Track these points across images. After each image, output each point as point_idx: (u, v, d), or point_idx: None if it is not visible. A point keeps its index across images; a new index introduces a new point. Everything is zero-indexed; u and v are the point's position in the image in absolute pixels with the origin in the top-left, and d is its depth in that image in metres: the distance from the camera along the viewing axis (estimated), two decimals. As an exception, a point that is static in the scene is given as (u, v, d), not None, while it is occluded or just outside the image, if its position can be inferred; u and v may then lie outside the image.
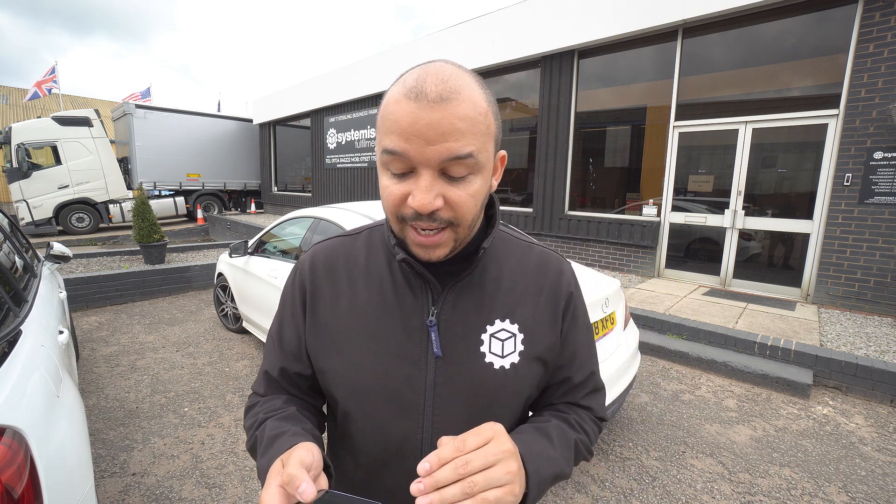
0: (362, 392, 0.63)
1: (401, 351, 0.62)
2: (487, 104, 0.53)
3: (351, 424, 0.66)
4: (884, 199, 4.18)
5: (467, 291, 0.64)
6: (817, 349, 3.35)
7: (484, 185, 0.56)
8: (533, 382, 0.66)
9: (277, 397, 0.70)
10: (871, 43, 4.15)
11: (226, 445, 2.51)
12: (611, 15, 5.70)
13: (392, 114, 0.51)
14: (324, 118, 11.47)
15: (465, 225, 0.56)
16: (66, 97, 20.87)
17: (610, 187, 6.71)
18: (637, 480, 2.25)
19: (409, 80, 0.51)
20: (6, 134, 10.46)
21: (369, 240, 0.71)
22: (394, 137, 0.51)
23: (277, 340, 0.72)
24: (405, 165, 0.52)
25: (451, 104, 0.49)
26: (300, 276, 0.71)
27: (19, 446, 1.04)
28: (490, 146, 0.55)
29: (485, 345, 0.63)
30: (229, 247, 3.99)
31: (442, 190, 0.52)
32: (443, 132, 0.49)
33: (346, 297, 0.67)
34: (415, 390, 0.62)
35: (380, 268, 0.67)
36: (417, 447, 0.62)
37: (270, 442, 0.58)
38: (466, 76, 0.52)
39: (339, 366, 0.65)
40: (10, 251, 2.24)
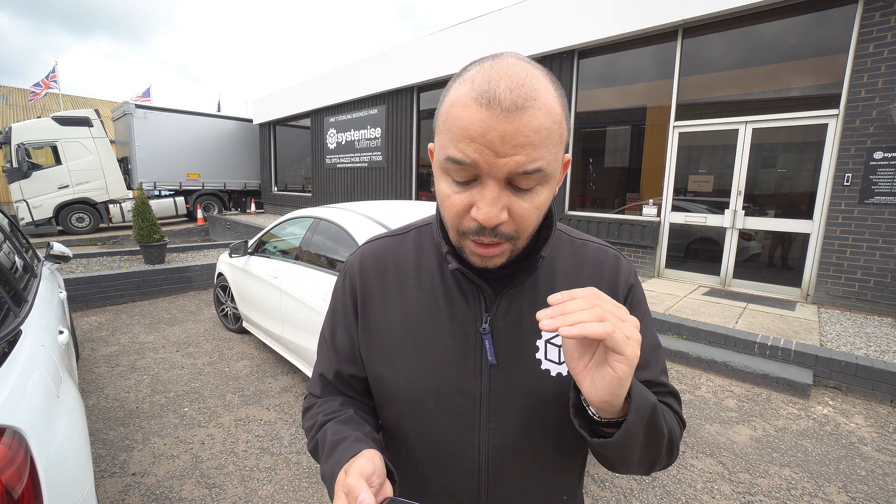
0: (416, 399, 0.63)
1: (454, 358, 0.61)
2: (562, 108, 0.49)
3: (405, 430, 0.65)
4: (884, 199, 4.18)
5: (521, 297, 0.62)
6: (817, 349, 3.35)
7: (550, 194, 0.53)
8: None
9: (334, 399, 0.70)
10: (871, 43, 4.15)
11: (226, 445, 2.51)
12: (611, 15, 5.70)
13: (459, 119, 0.47)
14: (324, 118, 11.47)
15: (524, 238, 0.54)
16: (66, 97, 20.87)
17: (610, 187, 6.71)
18: (637, 480, 2.25)
19: (479, 81, 0.47)
20: (6, 134, 10.46)
21: (418, 240, 0.69)
22: (461, 146, 0.47)
23: (331, 343, 0.71)
24: (470, 174, 0.49)
25: (527, 114, 0.45)
26: (350, 279, 0.70)
27: (19, 446, 1.04)
28: (560, 154, 0.51)
29: (540, 351, 0.61)
30: (229, 247, 3.99)
31: (508, 202, 0.49)
32: (515, 144, 0.45)
33: (397, 301, 0.65)
34: (469, 398, 0.61)
35: (431, 271, 0.65)
36: (473, 455, 0.62)
37: (333, 447, 0.58)
38: (541, 76, 0.48)
39: (391, 372, 0.64)
40: (10, 251, 2.24)
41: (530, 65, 0.49)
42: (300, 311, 2.97)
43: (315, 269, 2.99)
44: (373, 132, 9.98)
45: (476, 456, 0.62)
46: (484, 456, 0.61)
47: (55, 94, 18.60)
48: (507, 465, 0.62)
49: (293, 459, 2.40)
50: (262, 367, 3.57)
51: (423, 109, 8.98)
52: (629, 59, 6.05)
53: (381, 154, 9.80)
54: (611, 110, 6.54)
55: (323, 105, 11.20)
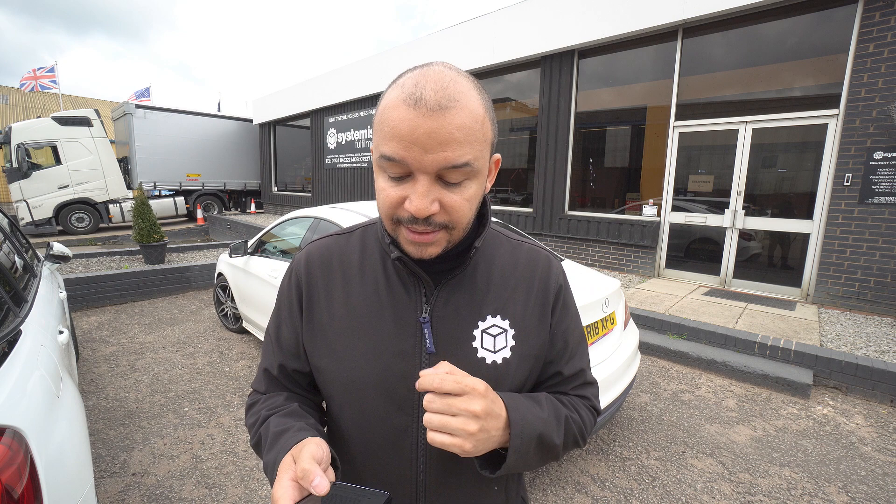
0: (357, 388, 0.65)
1: (395, 347, 0.63)
2: (485, 110, 0.54)
3: (346, 419, 0.67)
4: (884, 199, 4.18)
5: (459, 288, 0.65)
6: (817, 349, 3.35)
7: (479, 189, 0.57)
8: (524, 377, 0.67)
9: (279, 394, 0.71)
10: (871, 43, 4.15)
11: (226, 445, 2.51)
12: (611, 15, 5.70)
13: (390, 119, 0.51)
14: (324, 118, 11.47)
15: (459, 228, 0.58)
16: (65, 97, 20.87)
17: (610, 187, 6.71)
18: (637, 480, 2.25)
19: (408, 84, 0.51)
20: (6, 134, 10.46)
21: (363, 238, 0.72)
22: (392, 144, 0.51)
23: (275, 339, 0.73)
24: (402, 170, 0.53)
25: (450, 113, 0.49)
26: (296, 275, 0.72)
27: (19, 446, 1.04)
28: (486, 152, 0.55)
29: (477, 340, 0.64)
30: (229, 247, 3.99)
31: (438, 195, 0.53)
32: (440, 141, 0.50)
33: (341, 295, 0.68)
34: (409, 386, 0.63)
35: (374, 266, 0.68)
36: (413, 441, 0.64)
37: (276, 438, 0.60)
38: (464, 82, 0.53)
39: (334, 363, 0.66)
40: (10, 251, 2.24)
41: (456, 72, 0.54)
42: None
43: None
44: (373, 132, 9.98)
45: (415, 444, 0.64)
46: (422, 445, 0.64)
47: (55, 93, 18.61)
48: (442, 455, 0.64)
49: (293, 459, 2.40)
50: (262, 367, 3.57)
51: (423, 109, 8.98)
52: (629, 59, 6.05)
53: (381, 154, 9.79)
54: (611, 110, 6.54)
55: (323, 105, 11.20)
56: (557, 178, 6.65)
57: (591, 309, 2.23)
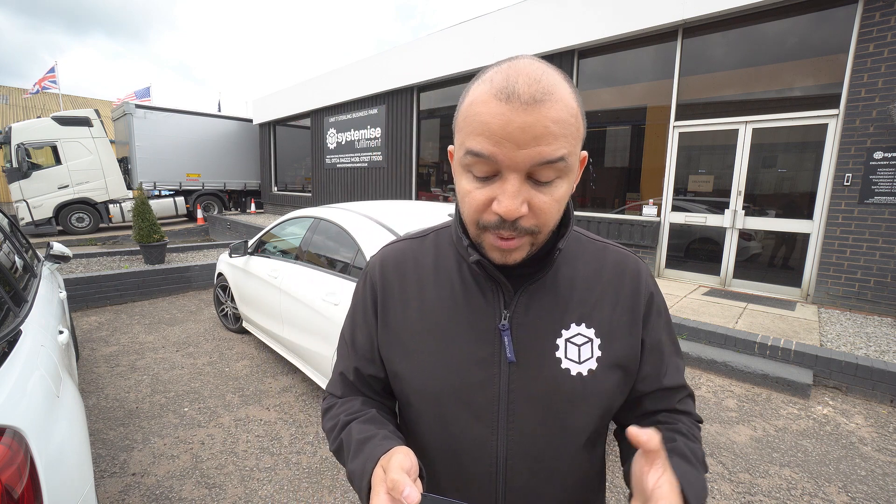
0: (434, 396, 0.63)
1: (472, 355, 0.61)
2: (578, 105, 0.51)
3: (424, 427, 0.66)
4: (884, 199, 4.18)
5: (541, 294, 0.62)
6: (817, 349, 3.35)
7: (569, 188, 0.54)
8: (612, 390, 0.63)
9: (355, 399, 0.70)
10: (871, 43, 4.15)
11: (226, 445, 2.51)
12: (611, 15, 5.70)
13: (479, 115, 0.48)
14: (324, 118, 11.46)
15: (545, 232, 0.54)
16: (66, 97, 20.86)
17: (610, 187, 6.71)
18: (637, 480, 2.25)
19: (498, 78, 0.48)
20: (6, 134, 10.45)
21: (437, 241, 0.70)
22: (481, 139, 0.48)
23: (350, 343, 0.72)
24: (491, 169, 0.50)
25: (545, 106, 0.47)
26: (371, 279, 0.71)
27: (19, 446, 1.04)
28: (578, 148, 0.52)
29: (560, 350, 0.61)
30: (229, 247, 3.99)
31: (528, 195, 0.50)
32: (535, 135, 0.47)
33: (416, 299, 0.66)
34: (488, 395, 0.60)
35: (449, 270, 0.66)
36: (492, 452, 0.61)
37: (361, 445, 0.58)
38: (557, 75, 0.50)
39: (410, 371, 0.64)
40: (10, 251, 2.24)
41: (546, 64, 0.51)
42: (300, 311, 2.97)
43: (315, 269, 2.99)
44: (373, 132, 9.98)
45: (494, 457, 0.61)
46: (502, 458, 0.61)
47: (55, 94, 18.61)
48: (524, 468, 0.61)
49: (293, 459, 2.40)
50: (262, 367, 3.57)
51: (423, 109, 8.98)
52: (629, 58, 6.05)
53: (381, 154, 9.80)
54: (611, 110, 6.54)
55: (323, 105, 11.20)
56: (557, 178, 6.65)
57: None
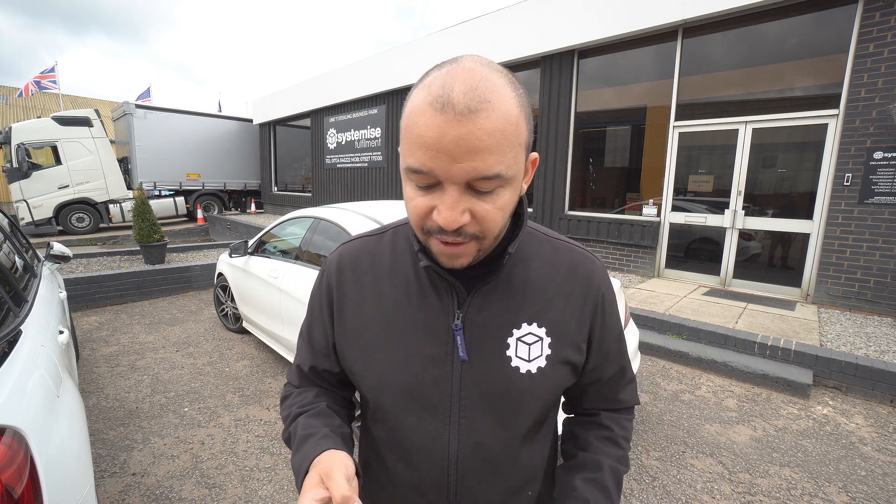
0: (390, 393, 0.65)
1: (426, 353, 0.62)
2: (519, 109, 0.49)
3: (380, 423, 0.68)
4: (884, 199, 4.18)
5: (494, 294, 0.63)
6: (817, 349, 3.35)
7: (513, 195, 0.53)
8: (560, 386, 0.66)
9: (310, 390, 0.73)
10: (871, 43, 4.14)
11: (226, 445, 2.51)
12: (611, 14, 5.70)
13: (416, 125, 0.48)
14: (324, 118, 11.46)
15: (490, 237, 0.55)
16: (66, 97, 20.86)
17: (610, 187, 6.71)
18: (637, 480, 2.25)
19: (435, 85, 0.48)
20: (6, 134, 10.45)
21: (394, 239, 0.71)
22: (419, 154, 0.48)
23: (307, 339, 0.74)
24: (430, 180, 0.50)
25: (480, 116, 0.45)
26: (327, 278, 0.72)
27: (19, 446, 1.04)
28: (521, 156, 0.52)
29: (511, 349, 0.62)
30: (229, 247, 3.99)
31: (469, 205, 0.50)
32: (469, 149, 0.46)
33: (372, 298, 0.67)
34: (441, 392, 0.62)
35: (405, 269, 0.66)
36: (444, 447, 0.63)
37: (302, 441, 0.62)
38: (497, 79, 0.48)
39: (366, 369, 0.66)
40: (10, 251, 2.24)
41: (487, 67, 0.49)
42: (300, 311, 2.97)
43: (315, 269, 2.99)
44: (373, 132, 9.98)
45: (446, 452, 0.63)
46: (454, 453, 0.63)
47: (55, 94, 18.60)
48: (476, 463, 0.64)
49: (293, 459, 2.40)
50: (262, 367, 3.57)
51: (423, 109, 8.97)
52: (629, 59, 6.05)
53: (381, 154, 9.80)
54: (611, 110, 6.54)
55: (323, 105, 11.20)
56: (557, 178, 6.65)
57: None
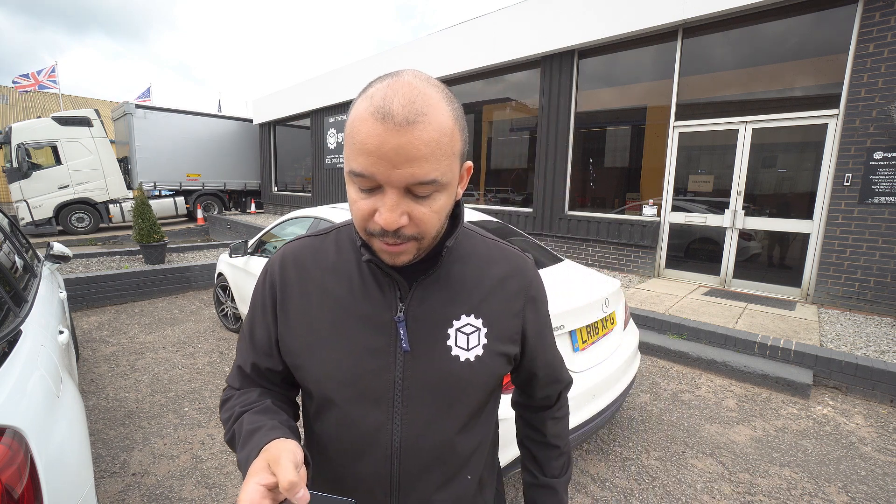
0: (334, 386, 0.66)
1: (370, 346, 0.65)
2: (454, 122, 0.54)
3: (324, 417, 0.69)
4: (884, 199, 4.18)
5: (434, 288, 0.67)
6: (817, 349, 3.35)
7: (448, 199, 0.58)
8: (496, 374, 0.70)
9: (252, 390, 0.72)
10: (871, 43, 4.15)
11: (225, 446, 2.51)
12: (611, 15, 5.70)
13: (359, 133, 0.52)
14: (324, 118, 11.47)
15: (428, 237, 0.58)
16: (66, 97, 20.86)
17: (610, 187, 6.71)
18: (637, 480, 2.25)
19: (377, 97, 0.51)
20: (6, 134, 10.46)
21: (338, 239, 0.73)
22: (361, 159, 0.52)
23: (249, 337, 0.74)
24: (372, 183, 0.53)
25: (417, 128, 0.50)
26: (270, 276, 0.73)
27: (19, 446, 1.04)
28: (455, 164, 0.56)
29: (451, 339, 0.66)
30: (229, 247, 3.99)
31: (407, 207, 0.54)
32: (407, 157, 0.50)
33: (316, 295, 0.69)
34: (384, 383, 0.64)
35: (349, 266, 0.69)
36: (388, 437, 0.65)
37: (249, 436, 0.60)
38: (433, 93, 0.53)
39: (312, 363, 0.67)
40: (10, 251, 2.24)
41: (425, 83, 0.53)
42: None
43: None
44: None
45: (389, 441, 0.65)
46: (397, 441, 0.65)
47: (55, 94, 18.61)
48: (419, 452, 0.66)
49: (293, 459, 2.40)
50: (262, 367, 3.57)
51: (423, 109, 8.98)
52: (629, 59, 6.05)
53: (381, 154, 9.80)
54: (611, 110, 6.54)
55: (323, 105, 11.20)
56: (557, 178, 6.65)
57: (591, 309, 2.23)
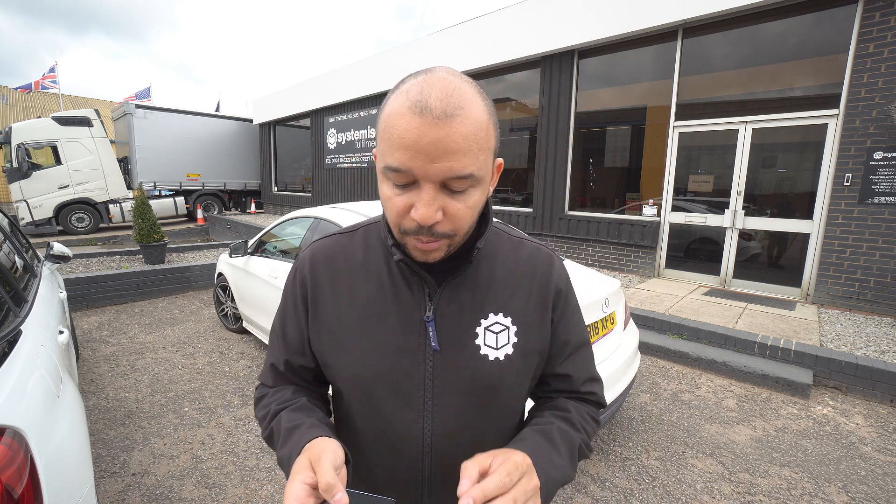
0: (365, 385, 0.67)
1: (399, 345, 0.65)
2: (488, 117, 0.54)
3: (355, 415, 0.70)
4: (884, 199, 4.18)
5: (462, 287, 0.67)
6: (817, 349, 3.35)
7: (482, 195, 0.58)
8: (527, 373, 0.69)
9: (286, 388, 0.74)
10: (871, 43, 4.14)
11: (226, 445, 2.51)
12: (611, 15, 5.70)
13: (395, 127, 0.51)
14: (324, 118, 11.46)
15: (461, 234, 0.58)
16: (66, 97, 20.86)
17: (610, 187, 6.71)
18: (637, 480, 2.25)
19: (413, 91, 0.51)
20: (6, 134, 10.46)
21: (366, 237, 0.73)
22: (398, 154, 0.51)
23: (281, 335, 0.75)
24: (408, 179, 0.53)
25: (455, 121, 0.50)
26: (300, 274, 0.73)
27: (19, 446, 1.04)
28: (490, 160, 0.56)
29: (480, 337, 0.66)
30: (229, 247, 3.99)
31: (443, 203, 0.54)
32: (446, 151, 0.50)
33: (346, 294, 0.69)
34: (414, 382, 0.65)
35: (378, 265, 0.69)
36: (419, 435, 0.66)
37: (289, 433, 0.62)
38: (469, 89, 0.53)
39: (342, 361, 0.68)
40: (10, 251, 2.24)
41: (459, 78, 0.54)
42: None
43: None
44: (373, 132, 9.98)
45: (420, 439, 0.66)
46: (427, 440, 0.66)
47: (55, 93, 18.60)
48: (448, 450, 0.66)
49: (293, 459, 2.40)
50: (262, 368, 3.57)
51: (423, 109, 8.97)
52: (629, 59, 6.05)
53: (381, 154, 9.80)
54: (611, 110, 6.54)
55: (323, 105, 11.20)
56: (557, 178, 6.65)
57: (591, 309, 2.23)
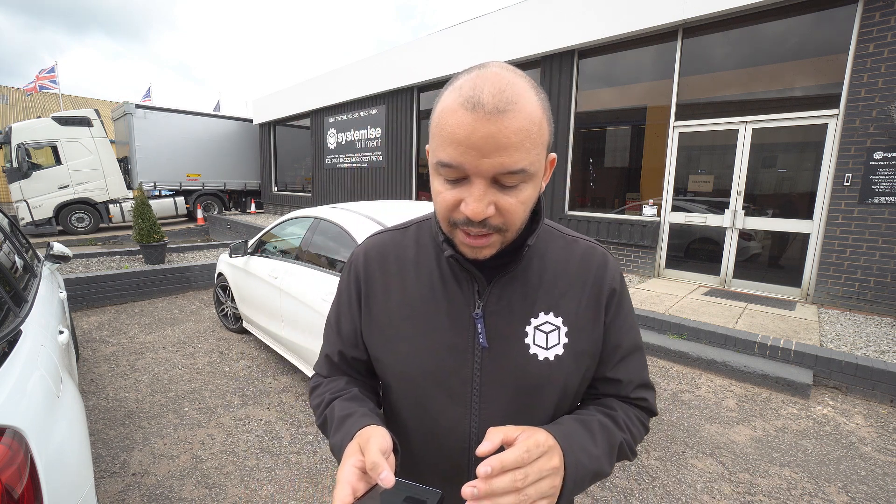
0: (413, 380, 0.68)
1: (448, 342, 0.65)
2: (542, 111, 0.53)
3: (403, 408, 0.71)
4: (884, 199, 4.18)
5: (512, 285, 0.66)
6: (817, 349, 3.35)
7: (534, 191, 0.57)
8: (577, 375, 0.67)
9: (339, 378, 0.76)
10: (871, 43, 4.14)
11: (226, 445, 2.51)
12: (611, 15, 5.70)
13: (448, 124, 0.51)
14: (324, 118, 11.46)
15: (513, 230, 0.58)
16: (66, 97, 20.86)
17: (610, 187, 6.71)
18: (637, 480, 2.25)
19: (466, 87, 0.51)
20: (6, 134, 10.46)
21: (418, 234, 0.74)
22: (449, 150, 0.51)
23: (336, 328, 0.77)
24: (459, 174, 0.53)
25: (508, 116, 0.49)
26: (354, 270, 0.75)
27: (19, 446, 1.04)
28: (542, 155, 0.55)
29: (529, 337, 0.65)
30: (229, 247, 3.99)
31: (494, 198, 0.53)
32: (498, 146, 0.49)
33: (398, 290, 0.70)
34: (462, 379, 0.65)
35: (429, 261, 0.70)
36: (465, 432, 0.66)
37: (341, 422, 0.64)
38: (522, 83, 0.52)
39: (391, 356, 0.69)
40: (10, 251, 2.24)
41: (513, 73, 0.53)
42: (300, 311, 2.97)
43: (315, 270, 2.99)
44: (373, 132, 9.98)
45: (467, 436, 0.66)
46: (474, 437, 0.65)
47: (55, 94, 18.60)
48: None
49: (293, 459, 2.40)
50: (262, 367, 3.57)
51: (422, 109, 8.98)
52: (629, 59, 6.05)
53: (381, 154, 9.80)
54: (611, 110, 6.54)
55: (323, 105, 11.20)
56: (557, 178, 6.65)
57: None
